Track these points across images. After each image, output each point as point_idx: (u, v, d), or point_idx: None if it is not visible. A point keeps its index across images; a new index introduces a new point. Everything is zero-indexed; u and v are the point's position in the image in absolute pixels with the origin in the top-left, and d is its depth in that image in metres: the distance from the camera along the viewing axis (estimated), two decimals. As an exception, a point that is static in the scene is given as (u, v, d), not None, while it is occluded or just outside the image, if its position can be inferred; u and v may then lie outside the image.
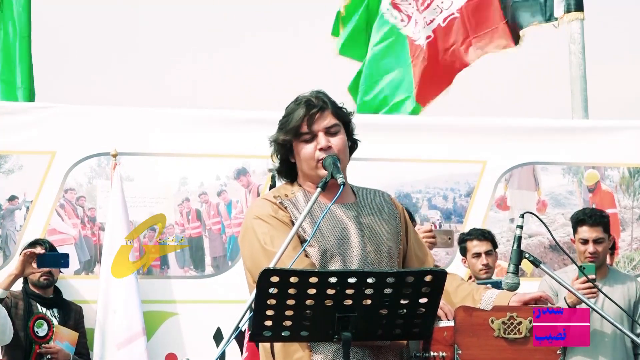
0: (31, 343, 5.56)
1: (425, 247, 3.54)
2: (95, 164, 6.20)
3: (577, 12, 7.62)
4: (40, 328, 5.60)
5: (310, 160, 3.31)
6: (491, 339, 3.04)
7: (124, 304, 5.82)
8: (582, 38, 7.62)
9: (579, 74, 7.62)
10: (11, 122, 6.17)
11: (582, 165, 6.70)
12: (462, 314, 3.04)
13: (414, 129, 6.62)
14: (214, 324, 6.09)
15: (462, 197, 6.57)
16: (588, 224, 5.52)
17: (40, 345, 5.55)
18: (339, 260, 3.23)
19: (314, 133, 3.31)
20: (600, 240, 5.50)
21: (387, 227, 3.36)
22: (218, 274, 6.24)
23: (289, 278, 2.81)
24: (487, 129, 6.68)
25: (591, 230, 5.49)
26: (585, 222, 5.53)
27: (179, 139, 6.31)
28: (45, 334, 5.60)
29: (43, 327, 5.60)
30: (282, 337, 2.93)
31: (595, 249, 5.48)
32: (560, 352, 3.07)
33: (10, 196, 6.10)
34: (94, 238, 6.15)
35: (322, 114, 3.32)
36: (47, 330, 5.61)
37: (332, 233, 3.26)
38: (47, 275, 5.64)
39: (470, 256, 5.94)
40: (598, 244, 5.50)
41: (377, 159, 6.33)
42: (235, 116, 6.47)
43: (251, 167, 6.32)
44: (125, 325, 5.80)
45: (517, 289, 3.33)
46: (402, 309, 2.91)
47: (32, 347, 5.54)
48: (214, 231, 6.27)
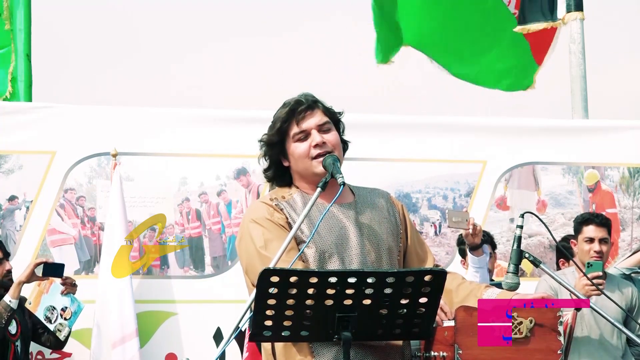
0: (8, 342, 5.56)
1: (426, 246, 3.53)
2: (95, 163, 6.20)
3: (577, 12, 7.63)
4: (12, 326, 5.60)
5: (305, 158, 3.30)
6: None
7: (119, 304, 5.82)
8: (582, 38, 7.62)
9: (579, 74, 7.62)
10: (11, 122, 6.17)
11: (582, 165, 6.70)
12: (463, 314, 3.04)
13: (414, 129, 6.61)
14: (214, 324, 6.09)
15: (462, 197, 6.57)
16: (595, 223, 5.54)
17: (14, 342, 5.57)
18: (337, 260, 3.22)
19: (307, 131, 3.31)
20: (605, 240, 5.52)
21: (387, 225, 3.36)
22: (218, 274, 6.24)
23: (289, 278, 2.81)
24: (487, 129, 6.68)
25: (597, 230, 5.52)
26: (592, 221, 5.55)
27: (179, 139, 6.31)
28: (16, 331, 5.60)
29: (14, 325, 5.60)
30: (282, 337, 2.93)
31: (600, 248, 5.49)
32: (560, 352, 3.07)
33: (10, 196, 6.10)
34: (94, 238, 6.15)
35: (312, 112, 3.33)
36: (17, 327, 5.61)
37: (330, 234, 3.25)
38: (9, 275, 5.65)
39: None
40: (603, 243, 5.51)
41: (377, 159, 6.34)
42: (235, 116, 6.47)
43: (251, 167, 6.32)
44: (118, 325, 5.79)
45: (517, 289, 3.33)
46: (402, 308, 2.91)
47: (8, 345, 5.55)
48: (214, 231, 6.27)
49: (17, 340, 5.59)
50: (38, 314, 5.58)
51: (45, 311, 5.60)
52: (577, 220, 5.70)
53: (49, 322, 5.59)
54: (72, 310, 5.63)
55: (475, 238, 5.37)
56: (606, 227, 5.56)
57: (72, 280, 5.67)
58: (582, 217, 5.68)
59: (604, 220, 5.60)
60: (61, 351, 5.93)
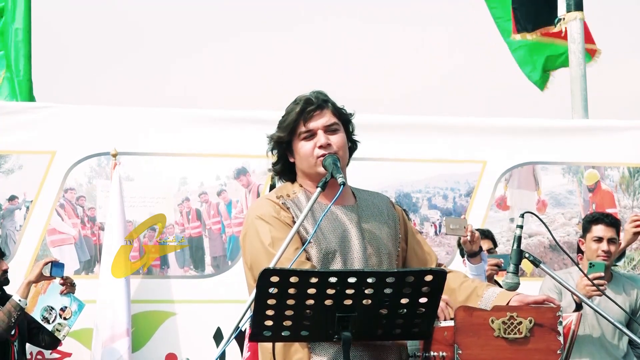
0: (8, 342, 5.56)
1: (428, 247, 3.53)
2: (95, 163, 6.20)
3: (577, 12, 7.63)
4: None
5: (309, 157, 3.31)
6: (491, 338, 3.04)
7: (113, 304, 5.82)
8: (582, 38, 7.63)
9: (579, 74, 7.63)
10: (11, 122, 6.17)
11: (582, 165, 6.70)
12: (462, 314, 3.04)
13: (414, 129, 6.61)
14: (214, 324, 6.09)
15: (462, 197, 6.57)
16: (605, 222, 5.53)
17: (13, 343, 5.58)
18: (340, 261, 3.23)
19: (313, 131, 3.31)
20: (614, 241, 5.51)
21: (387, 230, 3.37)
22: (218, 274, 6.24)
23: (289, 278, 2.81)
24: (487, 129, 6.68)
25: (606, 230, 5.51)
26: (602, 221, 5.54)
27: (179, 139, 6.31)
28: (14, 331, 5.61)
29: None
30: (282, 337, 2.93)
31: (608, 248, 5.49)
32: (560, 352, 3.07)
33: (10, 196, 6.10)
34: (94, 238, 6.15)
35: (321, 112, 3.33)
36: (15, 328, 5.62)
37: (333, 234, 3.26)
38: (5, 275, 5.65)
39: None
40: (611, 244, 5.50)
41: (377, 159, 6.34)
42: (235, 116, 6.47)
43: (251, 167, 6.32)
44: (110, 324, 5.79)
45: (517, 289, 3.33)
46: (402, 308, 2.91)
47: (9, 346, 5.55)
48: (214, 231, 6.27)
49: (15, 341, 5.60)
50: (34, 314, 5.58)
51: (43, 311, 5.60)
52: (586, 219, 5.68)
53: (46, 323, 5.59)
54: (72, 310, 5.63)
55: (473, 245, 5.37)
56: (615, 228, 5.56)
57: (71, 280, 5.68)
58: (591, 216, 5.66)
59: (613, 220, 5.60)
60: (61, 351, 5.93)
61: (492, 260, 5.53)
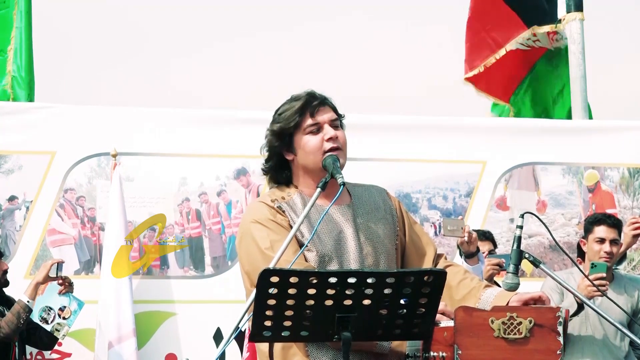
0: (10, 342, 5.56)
1: (427, 237, 3.50)
2: (95, 164, 6.21)
3: (577, 13, 7.64)
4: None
5: (317, 151, 3.27)
6: (491, 339, 3.03)
7: (118, 304, 5.82)
8: (582, 38, 7.63)
9: (579, 74, 7.63)
10: (11, 122, 6.17)
11: (582, 165, 6.70)
12: (462, 314, 3.04)
13: (414, 129, 6.62)
14: (214, 324, 6.09)
15: (462, 197, 6.57)
16: (607, 224, 5.53)
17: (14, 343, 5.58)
18: (336, 264, 3.22)
19: (320, 124, 3.29)
20: (616, 242, 5.51)
21: (384, 227, 3.35)
22: (218, 274, 6.24)
23: (288, 278, 2.80)
24: (487, 129, 6.69)
25: (609, 231, 5.50)
26: (605, 222, 5.54)
27: (179, 139, 6.31)
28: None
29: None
30: (282, 337, 2.92)
31: (611, 249, 5.48)
32: (560, 352, 3.07)
33: (10, 196, 6.10)
34: (94, 238, 6.15)
35: (324, 107, 3.32)
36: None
37: (329, 237, 3.24)
38: (5, 275, 5.65)
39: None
40: (614, 245, 5.50)
41: (377, 159, 6.34)
42: (235, 116, 6.47)
43: (251, 167, 6.32)
44: (116, 325, 5.79)
45: (517, 289, 3.33)
46: (402, 309, 2.91)
47: (10, 346, 5.55)
48: (213, 231, 6.27)
49: (16, 341, 5.60)
50: (32, 315, 5.58)
51: (41, 312, 5.60)
52: (588, 220, 5.68)
53: (45, 323, 5.59)
54: (71, 309, 5.63)
55: (471, 246, 5.38)
56: (617, 229, 5.55)
57: (69, 279, 5.68)
58: (594, 217, 5.66)
59: (615, 221, 5.59)
60: (61, 351, 5.93)
61: (494, 260, 5.53)
